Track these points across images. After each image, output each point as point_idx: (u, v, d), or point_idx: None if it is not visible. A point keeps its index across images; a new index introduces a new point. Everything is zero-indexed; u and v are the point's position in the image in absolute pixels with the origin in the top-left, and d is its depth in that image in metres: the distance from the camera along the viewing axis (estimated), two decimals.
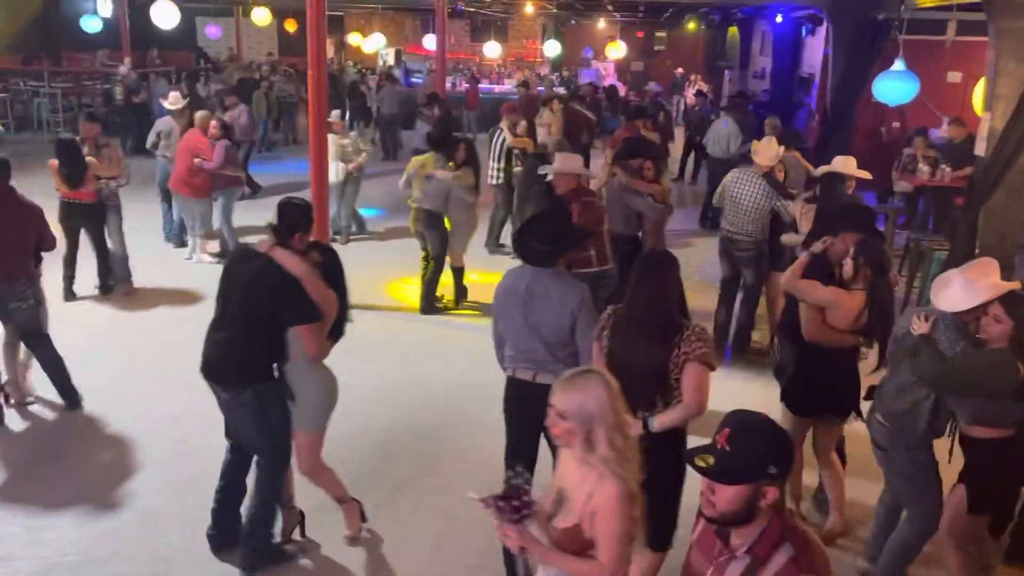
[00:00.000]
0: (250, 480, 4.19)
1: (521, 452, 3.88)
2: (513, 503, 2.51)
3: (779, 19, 17.93)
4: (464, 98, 19.55)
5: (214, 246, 9.18)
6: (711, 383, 3.41)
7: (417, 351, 6.92)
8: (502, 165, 9.58)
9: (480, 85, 20.93)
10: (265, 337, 3.85)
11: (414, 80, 23.01)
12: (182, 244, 9.48)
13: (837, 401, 4.29)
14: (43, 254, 5.68)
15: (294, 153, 16.14)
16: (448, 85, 17.24)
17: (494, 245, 9.96)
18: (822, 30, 15.14)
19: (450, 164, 7.56)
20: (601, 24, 27.20)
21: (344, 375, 5.75)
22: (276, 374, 4.00)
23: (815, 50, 16.24)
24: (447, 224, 7.60)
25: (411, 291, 8.22)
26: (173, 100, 9.75)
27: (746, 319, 7.00)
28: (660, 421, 3.38)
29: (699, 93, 16.49)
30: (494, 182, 9.61)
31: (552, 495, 2.65)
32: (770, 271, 6.65)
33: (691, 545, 2.35)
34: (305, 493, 4.40)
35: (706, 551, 2.24)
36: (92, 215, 7.63)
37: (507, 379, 3.98)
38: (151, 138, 9.71)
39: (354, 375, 6.34)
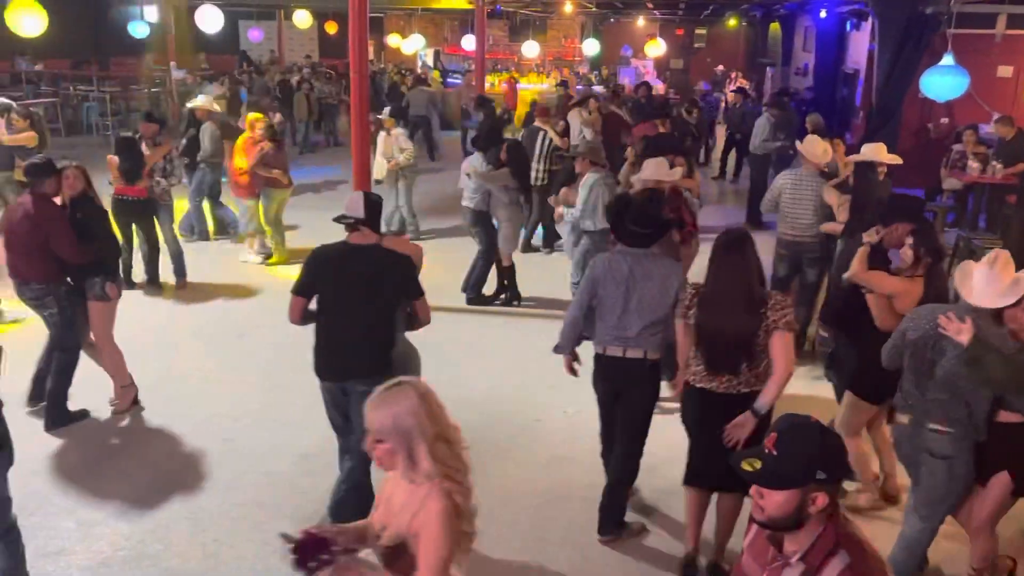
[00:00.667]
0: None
1: (611, 426, 4.34)
2: (311, 554, 2.37)
3: (823, 14, 17.64)
4: (503, 98, 19.58)
5: (260, 246, 9.32)
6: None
7: (455, 352, 6.93)
8: (547, 167, 9.64)
9: (519, 85, 20.95)
10: (392, 320, 4.17)
11: (452, 80, 23.09)
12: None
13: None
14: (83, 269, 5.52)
15: (333, 155, 16.31)
16: (487, 85, 17.29)
17: (527, 245, 10.00)
18: (867, 25, 14.87)
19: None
20: (640, 22, 27.02)
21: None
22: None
23: (860, 45, 15.95)
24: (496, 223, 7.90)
25: (448, 291, 8.23)
26: (208, 99, 10.04)
27: (806, 317, 6.97)
28: (766, 400, 3.72)
29: (740, 90, 16.29)
30: (539, 183, 9.58)
31: (380, 513, 2.53)
32: None
33: (743, 550, 2.32)
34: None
35: (758, 557, 2.21)
36: (144, 211, 7.86)
37: (596, 356, 4.31)
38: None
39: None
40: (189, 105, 10.64)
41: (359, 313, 4.08)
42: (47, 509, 4.56)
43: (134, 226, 7.95)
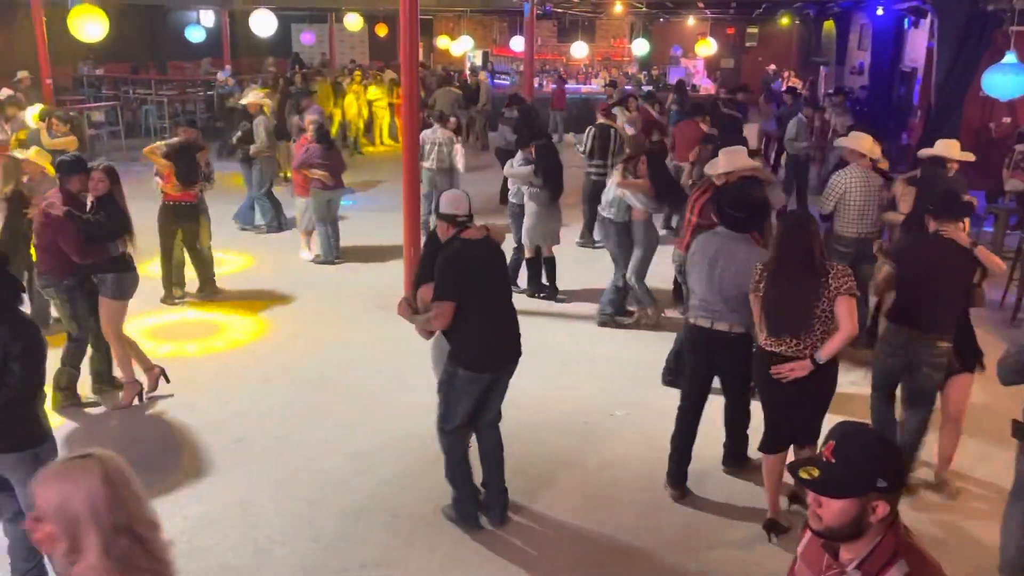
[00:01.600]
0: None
1: (696, 389, 4.79)
2: None
3: (880, 12, 17.25)
4: (551, 98, 19.56)
5: (314, 245, 9.50)
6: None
7: None
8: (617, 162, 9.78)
9: (567, 85, 20.91)
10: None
11: (499, 81, 23.13)
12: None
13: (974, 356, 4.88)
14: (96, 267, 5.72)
15: (381, 157, 16.46)
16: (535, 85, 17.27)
17: (588, 237, 10.26)
18: (926, 22, 14.50)
19: None
20: (691, 21, 26.75)
21: (432, 378, 5.82)
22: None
23: (918, 43, 15.56)
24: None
25: None
26: (251, 96, 10.32)
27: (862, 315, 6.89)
28: (827, 351, 4.09)
29: (791, 90, 16.02)
30: (594, 177, 9.83)
31: None
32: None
33: (796, 556, 2.28)
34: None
35: (813, 565, 2.17)
36: (194, 215, 7.95)
37: (688, 326, 4.75)
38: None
39: None
40: (242, 101, 10.98)
41: (505, 300, 4.47)
42: None
43: (179, 232, 7.88)
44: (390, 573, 4.17)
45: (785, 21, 24.64)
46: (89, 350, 5.91)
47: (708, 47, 20.85)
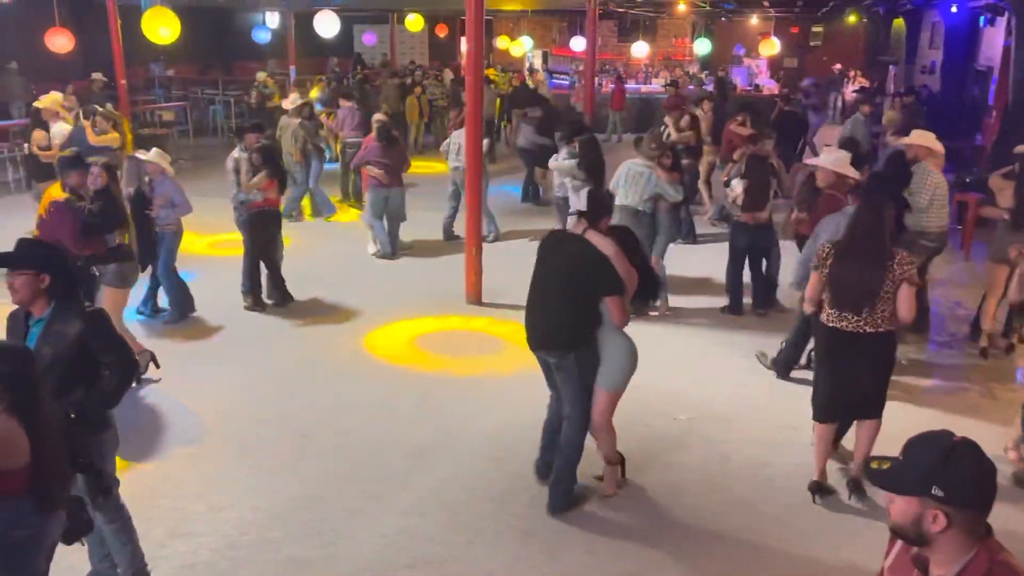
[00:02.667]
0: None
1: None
2: None
3: (953, 9, 16.75)
4: (610, 98, 19.44)
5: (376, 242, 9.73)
6: None
7: None
8: None
9: (626, 85, 20.76)
10: (584, 308, 4.43)
11: (558, 82, 23.09)
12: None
13: None
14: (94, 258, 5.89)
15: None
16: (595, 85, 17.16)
17: None
18: (1003, 20, 14.02)
19: None
20: (754, 20, 26.32)
21: (496, 375, 5.81)
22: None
23: (994, 42, 15.06)
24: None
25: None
26: (292, 100, 10.53)
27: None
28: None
29: (861, 90, 15.65)
30: None
31: None
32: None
33: (882, 570, 2.22)
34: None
35: None
36: (278, 222, 7.98)
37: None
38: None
39: (506, 373, 6.44)
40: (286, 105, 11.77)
41: (550, 293, 4.51)
42: (179, 492, 4.80)
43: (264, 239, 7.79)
44: (454, 570, 4.19)
45: (852, 19, 24.10)
46: None
47: (772, 47, 20.46)
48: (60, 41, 12.79)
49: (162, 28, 10.70)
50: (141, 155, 7.17)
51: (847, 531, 4.53)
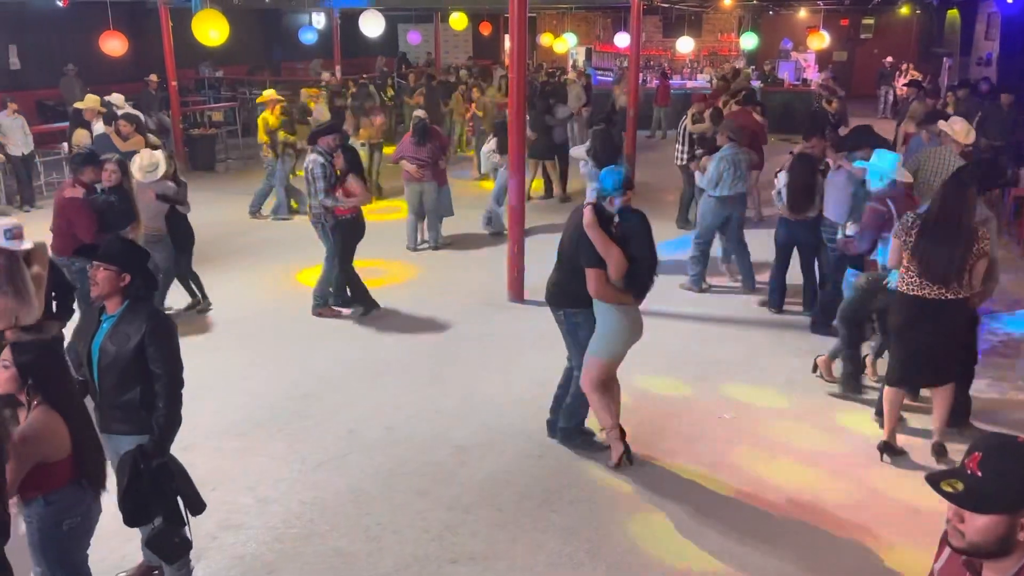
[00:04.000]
0: None
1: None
2: None
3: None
4: (655, 94, 19.28)
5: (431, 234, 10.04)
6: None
7: None
8: (685, 148, 10.57)
9: (671, 81, 20.57)
10: (578, 272, 4.81)
11: (602, 79, 22.96)
12: None
13: None
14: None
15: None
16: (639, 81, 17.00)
17: (683, 221, 10.71)
18: None
19: None
20: (802, 13, 25.87)
21: (538, 373, 5.84)
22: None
23: None
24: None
25: None
26: (265, 95, 10.89)
27: None
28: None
29: (913, 83, 15.28)
30: (680, 163, 10.72)
31: None
32: None
33: (931, 574, 2.17)
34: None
35: None
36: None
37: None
38: None
39: (548, 372, 6.44)
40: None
41: (558, 253, 5.07)
42: (228, 485, 4.89)
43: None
44: (497, 567, 4.20)
45: (904, 11, 23.54)
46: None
47: (821, 40, 20.09)
48: (114, 44, 13.10)
49: (212, 30, 10.88)
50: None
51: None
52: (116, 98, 11.53)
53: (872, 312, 5.85)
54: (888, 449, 5.13)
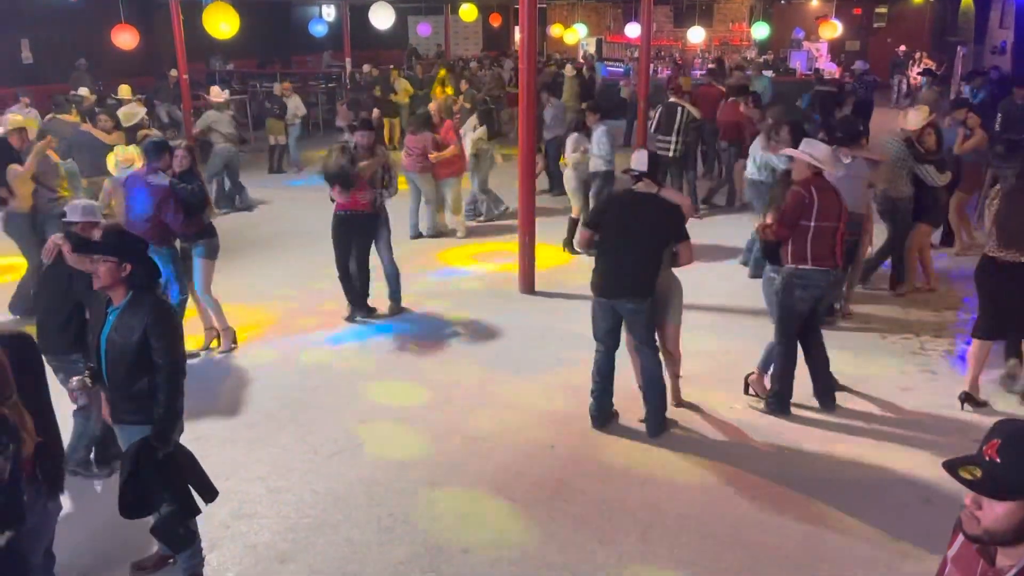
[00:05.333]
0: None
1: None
2: None
3: None
4: (665, 85, 19.15)
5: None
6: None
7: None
8: (683, 139, 10.52)
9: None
10: (660, 257, 5.13)
11: (613, 69, 22.85)
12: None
13: None
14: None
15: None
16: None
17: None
18: None
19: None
20: (814, 2, 25.68)
21: (550, 364, 5.82)
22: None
23: None
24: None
25: None
26: (217, 94, 11.03)
27: None
28: None
29: (927, 72, 15.16)
30: (675, 155, 10.50)
31: None
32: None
33: (944, 560, 2.16)
34: None
35: (965, 570, 2.04)
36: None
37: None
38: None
39: (560, 363, 6.44)
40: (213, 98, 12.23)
41: (633, 247, 5.09)
42: (240, 475, 4.92)
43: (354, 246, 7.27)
44: (509, 556, 4.21)
45: None
46: None
47: (833, 29, 19.92)
48: (125, 38, 13.14)
49: (222, 23, 10.92)
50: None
51: None
52: (123, 91, 11.53)
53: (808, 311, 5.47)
54: (968, 399, 5.57)
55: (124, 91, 11.63)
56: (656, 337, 5.35)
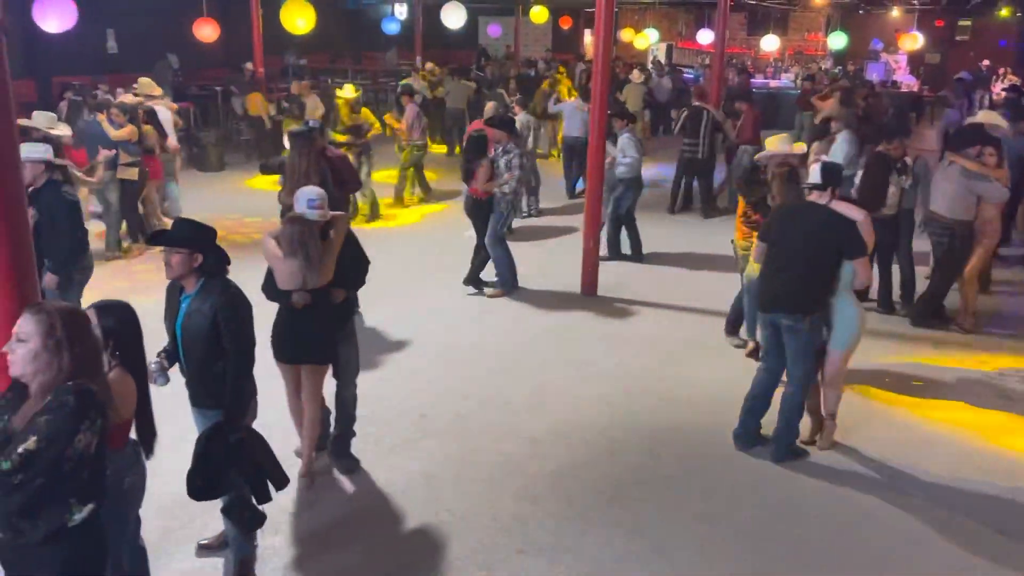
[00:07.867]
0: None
1: None
2: None
3: None
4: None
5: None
6: None
7: (685, 351, 6.81)
8: (709, 141, 10.90)
9: (752, 80, 20.14)
10: (826, 273, 4.86)
11: (685, 75, 22.62)
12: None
13: None
14: None
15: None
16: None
17: (709, 211, 11.20)
18: None
19: None
20: (894, 13, 25.02)
21: (609, 368, 5.80)
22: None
23: None
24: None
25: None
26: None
27: None
28: None
29: (1012, 88, 14.65)
30: (701, 156, 10.92)
31: None
32: None
33: None
34: None
35: None
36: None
37: None
38: None
39: (619, 367, 6.41)
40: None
41: (793, 259, 4.88)
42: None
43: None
44: (564, 560, 4.20)
45: (1004, 12, 22.56)
46: None
47: (914, 41, 19.38)
48: (206, 31, 13.52)
49: (299, 19, 11.15)
50: None
51: None
52: (143, 83, 11.26)
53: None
54: None
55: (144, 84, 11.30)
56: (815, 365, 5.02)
